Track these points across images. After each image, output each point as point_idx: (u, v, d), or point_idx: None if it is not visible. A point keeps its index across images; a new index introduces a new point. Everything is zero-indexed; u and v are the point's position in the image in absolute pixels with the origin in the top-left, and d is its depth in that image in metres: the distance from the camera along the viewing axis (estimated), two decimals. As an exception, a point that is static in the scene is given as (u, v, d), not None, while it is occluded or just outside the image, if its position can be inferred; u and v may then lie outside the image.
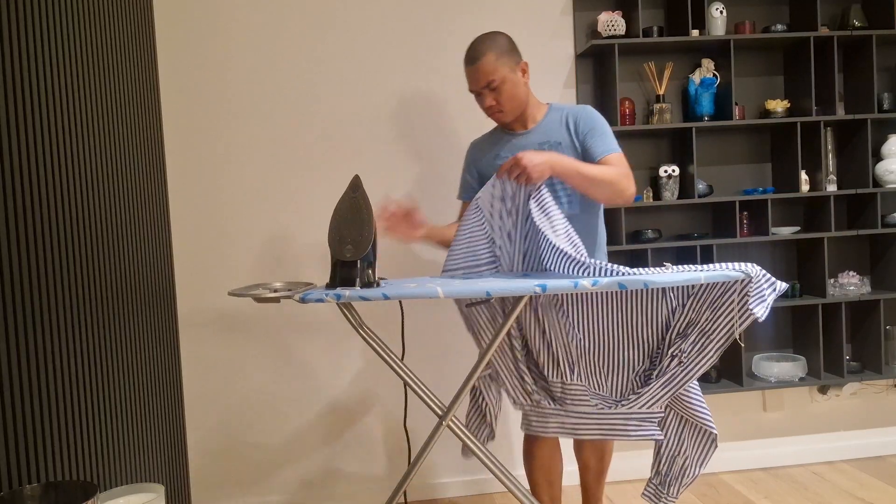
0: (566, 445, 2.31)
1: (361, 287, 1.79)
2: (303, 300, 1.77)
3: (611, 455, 2.33)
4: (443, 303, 2.78)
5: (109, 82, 2.13)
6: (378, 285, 1.85)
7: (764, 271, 1.72)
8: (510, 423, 2.83)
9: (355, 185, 1.86)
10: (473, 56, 1.99)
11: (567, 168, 1.86)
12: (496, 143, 2.13)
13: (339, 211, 1.84)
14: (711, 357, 1.81)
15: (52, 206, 1.74)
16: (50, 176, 1.74)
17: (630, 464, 2.87)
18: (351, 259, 1.80)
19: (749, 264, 1.71)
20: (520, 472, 2.46)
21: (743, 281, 1.73)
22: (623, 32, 2.67)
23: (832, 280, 2.88)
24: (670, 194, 2.74)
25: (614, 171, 1.94)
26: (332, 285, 1.83)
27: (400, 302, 2.12)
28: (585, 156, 2.00)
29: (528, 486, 2.20)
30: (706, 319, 1.81)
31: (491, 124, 2.21)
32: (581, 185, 1.91)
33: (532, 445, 2.21)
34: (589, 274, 1.71)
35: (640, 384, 1.95)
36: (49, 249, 1.71)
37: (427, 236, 2.10)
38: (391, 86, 2.72)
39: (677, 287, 1.87)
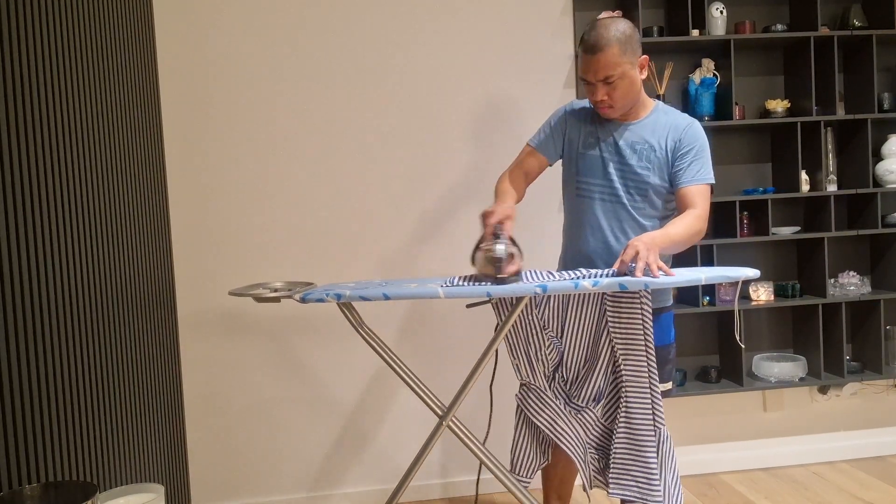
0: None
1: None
2: (303, 300, 1.77)
3: None
4: (443, 303, 2.78)
5: (109, 83, 2.13)
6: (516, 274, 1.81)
7: None
8: (510, 424, 2.82)
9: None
10: (596, 45, 1.83)
11: (665, 246, 1.77)
12: (594, 122, 2.00)
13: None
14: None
15: (52, 206, 1.74)
16: (50, 177, 1.74)
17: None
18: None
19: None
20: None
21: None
22: (623, 32, 2.67)
23: (832, 280, 2.87)
24: (670, 194, 2.73)
25: (693, 222, 1.85)
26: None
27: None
28: (672, 174, 1.93)
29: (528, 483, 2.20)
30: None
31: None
32: (673, 250, 1.86)
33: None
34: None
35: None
36: (49, 250, 1.71)
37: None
38: (390, 85, 2.72)
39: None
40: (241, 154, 2.67)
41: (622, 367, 1.88)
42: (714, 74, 2.77)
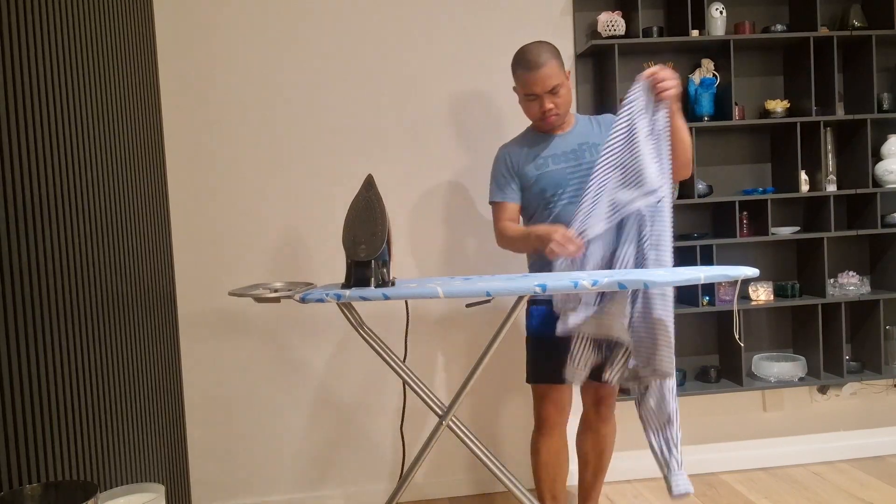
0: (571, 443, 2.30)
1: (376, 287, 1.80)
2: (303, 300, 1.78)
3: (611, 453, 2.33)
4: (443, 303, 2.78)
5: (109, 81, 2.13)
6: (393, 284, 1.85)
7: None
8: (509, 423, 2.83)
9: (369, 184, 1.87)
10: (537, 62, 2.05)
11: (680, 115, 2.01)
12: (535, 145, 2.19)
13: (352, 210, 1.85)
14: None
15: (52, 205, 1.74)
16: (50, 175, 1.74)
17: (630, 464, 2.87)
18: (365, 259, 1.80)
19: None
20: (519, 473, 2.46)
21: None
22: (623, 32, 2.67)
23: (832, 280, 2.88)
24: (670, 194, 2.74)
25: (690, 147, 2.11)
26: (347, 285, 1.83)
27: (406, 302, 2.12)
28: None
29: (529, 482, 2.20)
30: None
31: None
32: (680, 136, 2.02)
33: (539, 441, 2.21)
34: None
35: None
36: (49, 249, 1.71)
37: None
38: (390, 85, 2.72)
39: None
40: (242, 153, 2.67)
41: (647, 253, 1.91)
42: (714, 74, 2.77)
